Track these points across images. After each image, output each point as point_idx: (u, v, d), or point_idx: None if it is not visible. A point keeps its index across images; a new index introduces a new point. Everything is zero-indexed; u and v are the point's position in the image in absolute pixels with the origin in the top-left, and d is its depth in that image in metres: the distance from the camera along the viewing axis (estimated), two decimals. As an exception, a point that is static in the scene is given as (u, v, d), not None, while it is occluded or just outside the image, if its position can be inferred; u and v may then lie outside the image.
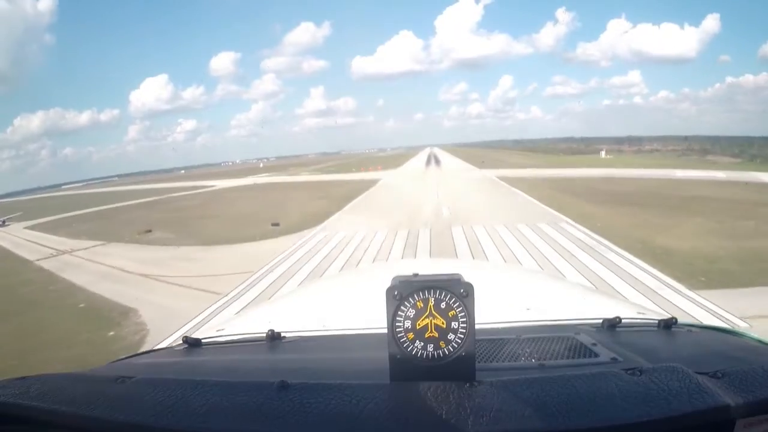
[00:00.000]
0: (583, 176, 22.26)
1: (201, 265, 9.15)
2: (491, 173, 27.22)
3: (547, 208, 12.85)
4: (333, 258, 8.78)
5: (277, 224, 11.39)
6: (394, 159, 70.50)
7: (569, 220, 10.70)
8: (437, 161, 56.21)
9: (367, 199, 18.52)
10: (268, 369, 0.76)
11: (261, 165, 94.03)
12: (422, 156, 76.63)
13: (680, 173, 21.57)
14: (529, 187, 17.93)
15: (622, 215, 11.16)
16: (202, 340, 0.90)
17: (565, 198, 14.45)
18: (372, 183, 25.42)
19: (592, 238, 8.98)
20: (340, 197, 18.53)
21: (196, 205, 21.13)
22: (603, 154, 47.04)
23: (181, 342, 0.90)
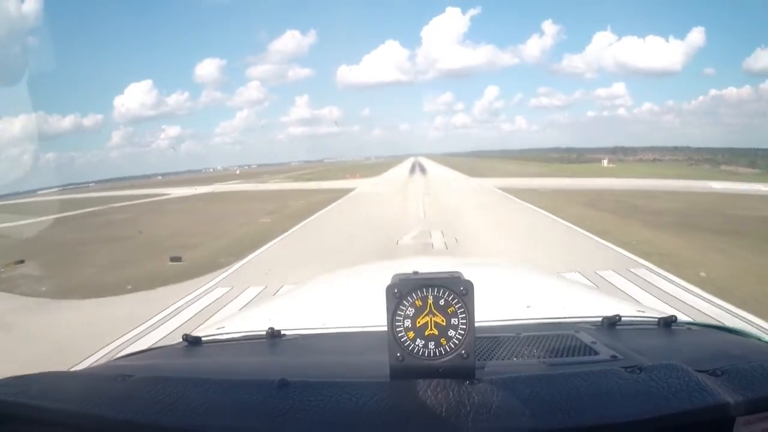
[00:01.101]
0: (602, 187, 18.01)
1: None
2: (488, 183, 23.05)
3: (593, 236, 8.00)
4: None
5: (177, 259, 7.89)
6: (377, 167, 65.18)
7: (648, 264, 5.99)
8: (422, 169, 51.48)
9: (328, 216, 13.28)
10: (268, 367, 0.76)
11: (237, 172, 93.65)
12: (407, 164, 72.20)
13: (717, 185, 17.60)
14: (542, 200, 13.74)
15: (715, 251, 6.66)
16: (202, 338, 0.90)
17: (605, 219, 9.97)
18: (343, 193, 20.51)
19: (726, 310, 4.24)
20: (294, 213, 13.89)
21: (121, 221, 16.03)
22: (605, 162, 44.76)
23: (181, 340, 0.90)
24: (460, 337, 0.55)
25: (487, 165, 52.72)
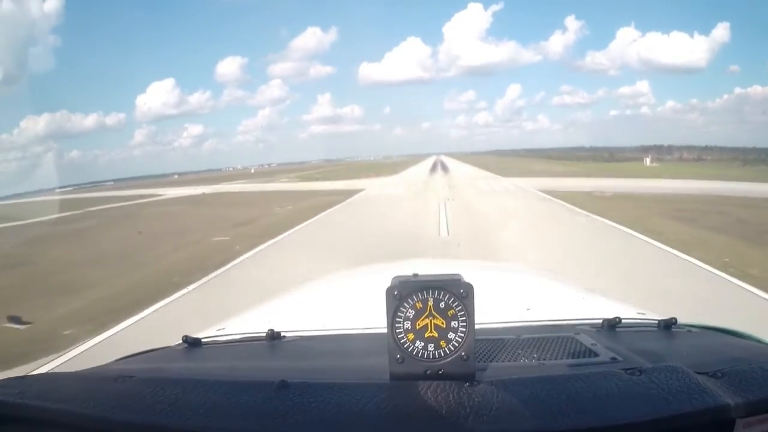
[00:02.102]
0: (669, 191, 13.87)
1: None
2: (525, 183, 19.01)
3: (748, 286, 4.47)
4: None
5: (18, 321, 4.71)
6: (395, 165, 61.83)
7: None
8: (444, 167, 47.40)
9: (307, 234, 9.72)
10: (268, 368, 0.76)
11: (252, 171, 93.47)
12: (427, 162, 67.56)
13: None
14: (609, 209, 9.85)
15: None
16: (202, 340, 0.90)
17: (733, 247, 6.22)
18: (346, 196, 17.34)
19: None
20: (268, 227, 10.35)
21: (63, 235, 12.05)
22: (648, 161, 39.67)
23: (181, 341, 0.90)
24: (460, 339, 0.55)
25: (516, 163, 47.80)
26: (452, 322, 0.55)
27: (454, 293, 0.55)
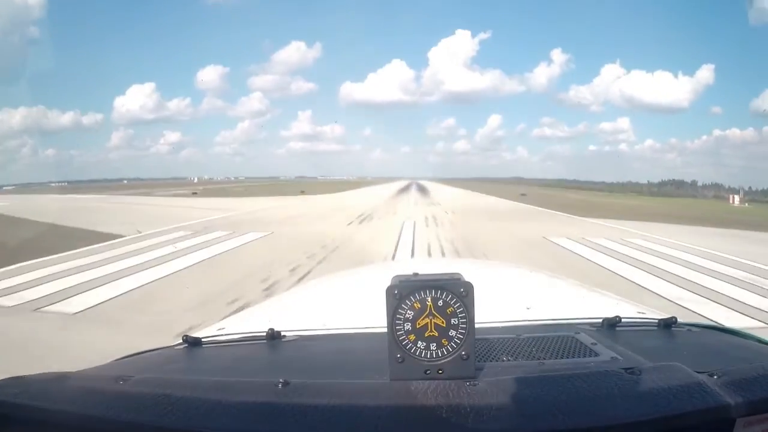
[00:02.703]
0: None
1: None
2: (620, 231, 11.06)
3: None
4: None
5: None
6: (364, 183, 61.53)
7: None
8: (422, 190, 42.43)
9: None
10: (268, 368, 0.76)
11: (195, 180, 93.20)
12: (400, 184, 62.83)
13: None
14: None
15: None
16: (202, 339, 0.90)
17: None
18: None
19: None
20: None
21: None
22: (736, 201, 30.08)
23: (181, 341, 0.90)
24: (460, 339, 0.55)
25: (532, 191, 37.55)
26: (452, 321, 0.55)
27: (454, 292, 0.55)
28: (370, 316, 0.86)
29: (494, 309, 0.96)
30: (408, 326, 0.55)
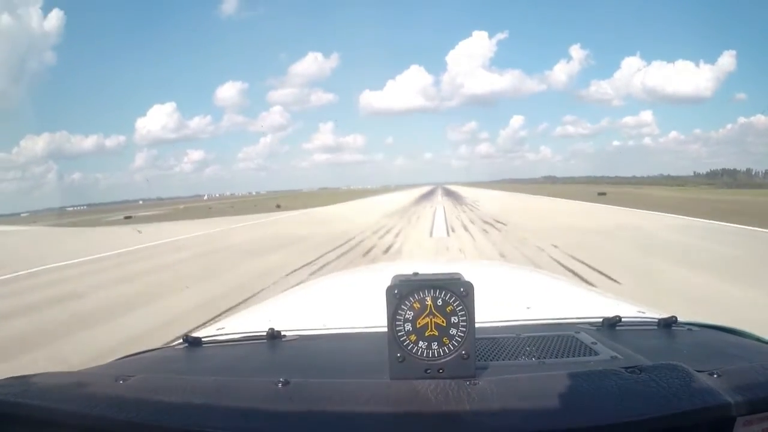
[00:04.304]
0: None
1: None
2: None
3: None
4: None
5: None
6: (384, 191, 57.56)
7: None
8: (452, 196, 35.77)
9: None
10: (268, 367, 0.76)
11: (205, 197, 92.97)
12: (422, 190, 56.75)
13: None
14: None
15: None
16: (202, 339, 0.90)
17: None
18: None
19: None
20: None
21: None
22: None
23: (181, 341, 0.90)
24: (461, 338, 0.55)
25: (618, 192, 30.58)
26: (452, 321, 0.55)
27: (455, 292, 0.55)
28: (370, 316, 0.86)
29: (494, 308, 0.96)
30: (408, 326, 0.55)
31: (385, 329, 0.56)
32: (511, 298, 1.23)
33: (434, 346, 0.55)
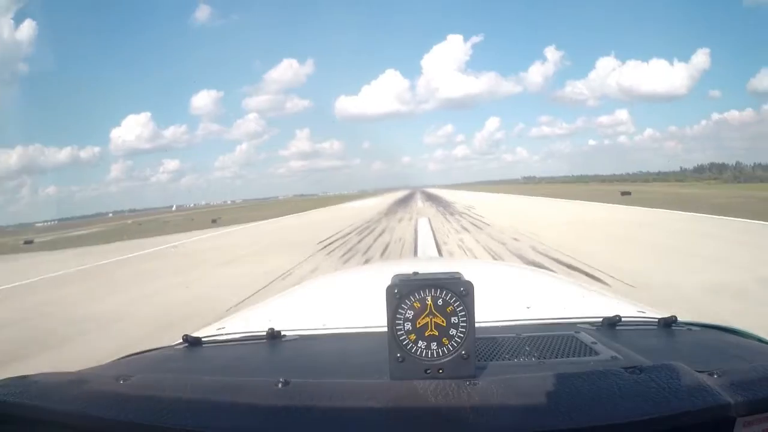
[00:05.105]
0: None
1: None
2: None
3: None
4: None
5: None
6: (357, 197, 55.54)
7: None
8: (430, 198, 35.33)
9: None
10: (268, 367, 0.76)
11: (174, 208, 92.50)
12: (397, 195, 52.56)
13: None
14: None
15: None
16: (202, 339, 0.90)
17: None
18: None
19: None
20: None
21: None
22: None
23: (181, 341, 0.90)
24: (461, 338, 0.55)
25: (641, 190, 26.47)
26: (452, 321, 0.55)
27: (455, 291, 0.55)
28: (370, 316, 0.86)
29: (494, 308, 0.96)
30: (408, 325, 0.55)
31: (385, 329, 0.56)
32: (511, 297, 1.23)
33: (434, 346, 0.55)
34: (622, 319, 0.85)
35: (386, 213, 22.33)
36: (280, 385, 0.50)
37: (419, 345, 0.55)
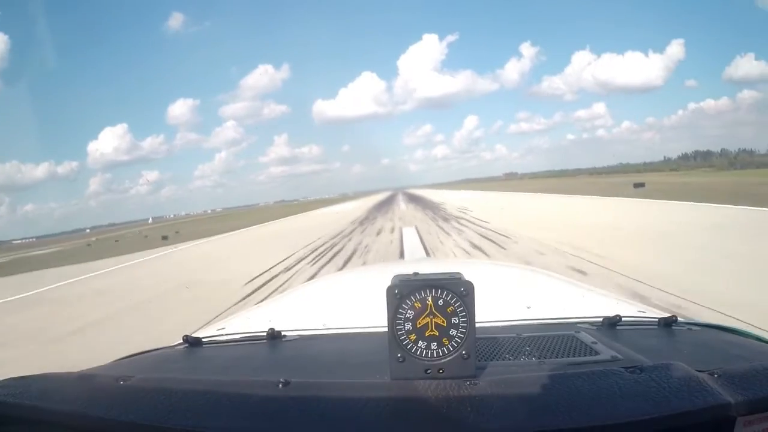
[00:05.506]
0: None
1: None
2: None
3: None
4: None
5: None
6: (335, 201, 53.80)
7: None
8: (412, 200, 32.69)
9: None
10: (268, 368, 0.76)
11: (150, 221, 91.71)
12: (378, 197, 49.99)
13: None
14: None
15: None
16: (203, 339, 0.90)
17: None
18: None
19: None
20: None
21: None
22: None
23: (182, 341, 0.90)
24: (461, 338, 0.55)
25: (655, 181, 23.19)
26: (453, 321, 0.55)
27: (455, 292, 0.55)
28: (370, 316, 0.86)
29: (495, 308, 0.96)
30: (408, 326, 0.55)
31: (385, 329, 0.56)
32: (511, 297, 1.23)
33: (434, 346, 0.55)
34: (623, 318, 0.85)
35: (361, 221, 18.30)
36: (280, 385, 0.50)
37: (419, 345, 0.55)
